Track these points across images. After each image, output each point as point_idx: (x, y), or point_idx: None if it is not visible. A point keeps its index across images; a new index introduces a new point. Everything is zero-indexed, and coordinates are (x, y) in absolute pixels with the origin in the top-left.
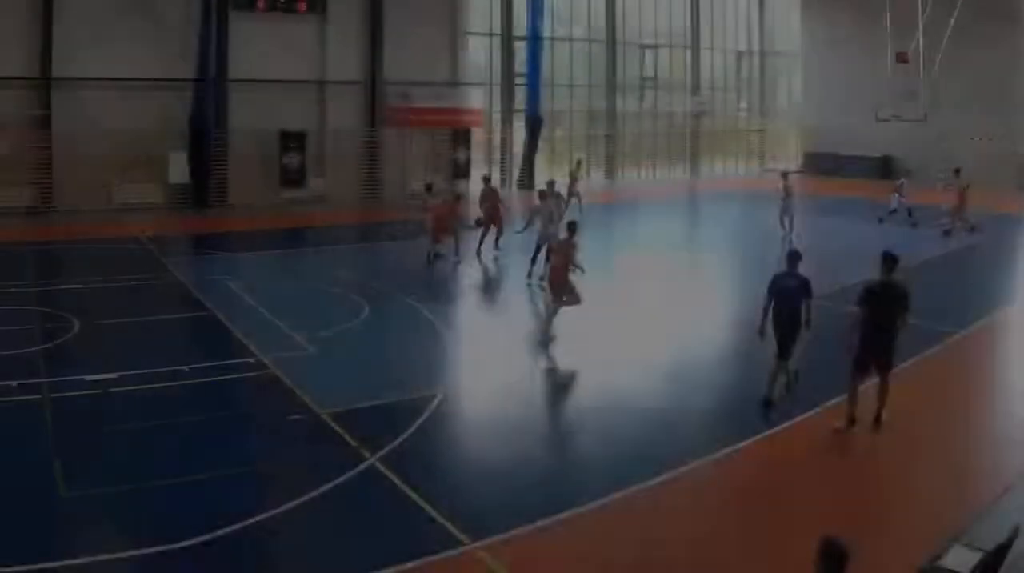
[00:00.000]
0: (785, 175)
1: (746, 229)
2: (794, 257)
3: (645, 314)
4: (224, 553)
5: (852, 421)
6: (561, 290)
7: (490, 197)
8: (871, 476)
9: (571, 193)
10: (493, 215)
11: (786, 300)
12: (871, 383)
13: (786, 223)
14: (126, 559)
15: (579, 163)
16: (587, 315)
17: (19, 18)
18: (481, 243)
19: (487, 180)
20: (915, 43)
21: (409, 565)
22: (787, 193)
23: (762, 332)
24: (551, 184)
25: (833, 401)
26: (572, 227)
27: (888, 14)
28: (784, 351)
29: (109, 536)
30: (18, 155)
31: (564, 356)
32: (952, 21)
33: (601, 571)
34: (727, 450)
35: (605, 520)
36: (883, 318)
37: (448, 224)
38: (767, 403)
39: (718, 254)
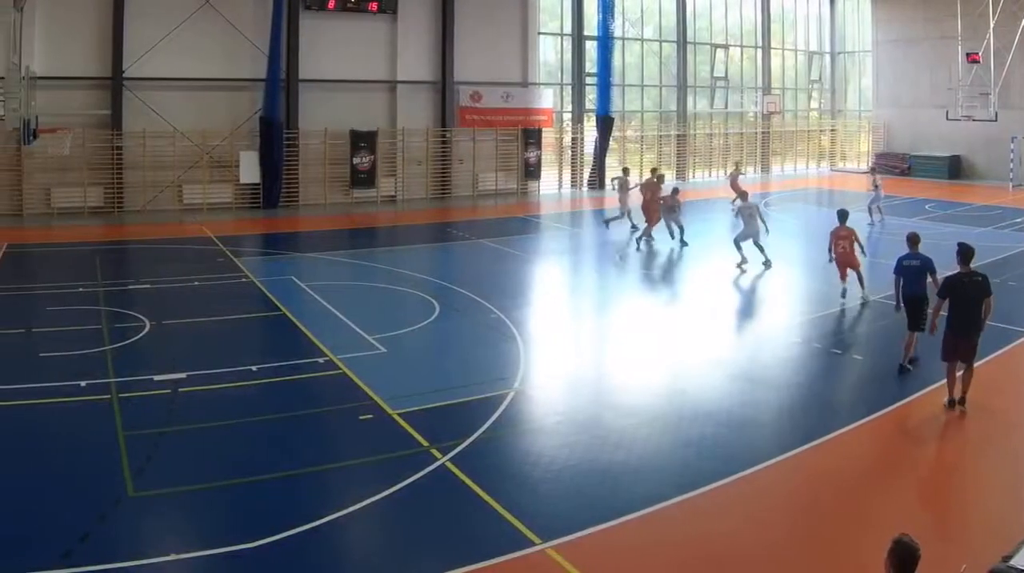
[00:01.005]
0: (873, 170)
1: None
2: (913, 239)
3: (721, 313)
4: (294, 553)
5: (952, 402)
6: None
7: (651, 188)
8: (951, 470)
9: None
10: (650, 207)
11: (912, 279)
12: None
13: (874, 214)
14: (196, 559)
15: (653, 171)
16: (662, 315)
17: (90, 18)
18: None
19: (654, 171)
20: (986, 43)
21: (480, 565)
22: (875, 186)
23: (898, 307)
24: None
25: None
26: (844, 215)
27: (959, 14)
28: (913, 323)
29: (178, 536)
30: (87, 155)
31: (635, 355)
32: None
33: (673, 571)
34: (800, 449)
35: (677, 520)
36: (966, 308)
37: (651, 206)
38: (902, 369)
39: (797, 251)
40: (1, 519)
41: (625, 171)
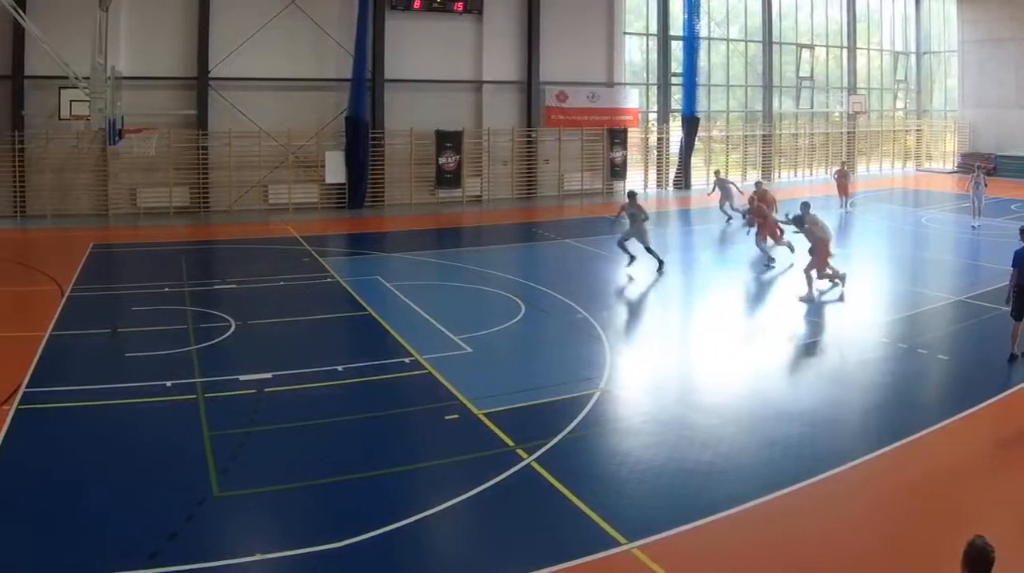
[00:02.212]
0: (977, 168)
1: (916, 221)
2: None
3: (807, 313)
4: (380, 553)
5: (1013, 356)
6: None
7: (764, 197)
8: None
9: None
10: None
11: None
12: None
13: (975, 209)
14: (281, 559)
15: (717, 173)
16: (747, 314)
17: (175, 18)
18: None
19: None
20: None
21: (566, 565)
22: (977, 183)
23: (1008, 301)
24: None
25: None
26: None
27: None
28: (1017, 314)
29: (263, 536)
30: (173, 155)
31: (720, 355)
32: None
33: (760, 572)
34: (888, 448)
35: (762, 520)
36: None
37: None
38: (1012, 358)
39: (884, 251)
40: (90, 519)
41: (716, 173)
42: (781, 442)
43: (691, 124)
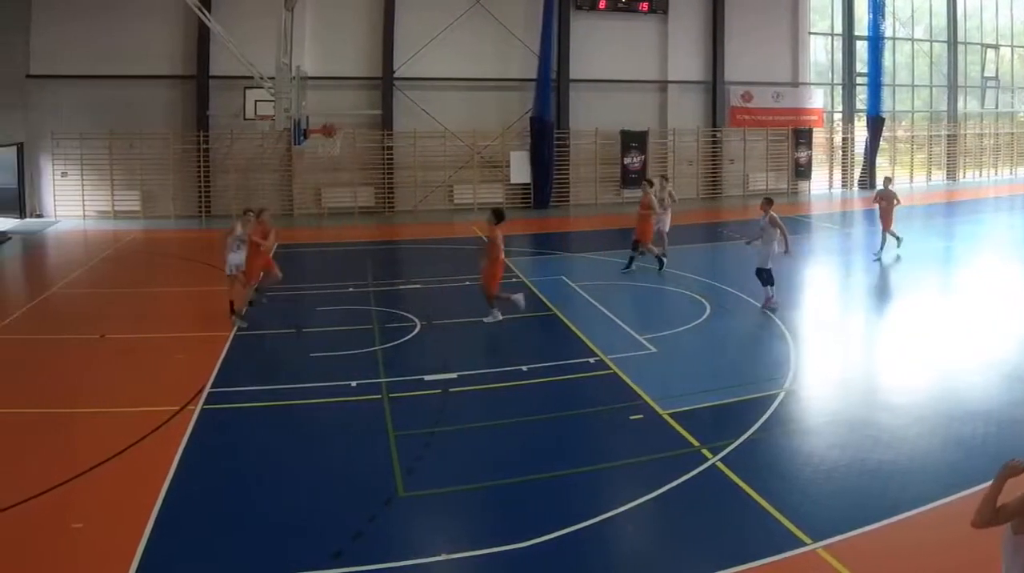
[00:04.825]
0: None
1: None
2: None
3: (992, 313)
4: (565, 553)
5: None
6: None
7: (886, 197)
8: None
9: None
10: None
11: None
12: None
13: None
14: (466, 559)
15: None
16: (931, 315)
17: (360, 18)
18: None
19: (888, 181)
20: None
21: (751, 565)
22: None
23: None
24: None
25: None
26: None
27: None
28: None
29: (448, 536)
30: (358, 156)
31: (905, 355)
32: None
33: None
34: None
35: (948, 521)
36: None
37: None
38: None
39: None
40: (274, 518)
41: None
42: (966, 443)
43: (876, 124)
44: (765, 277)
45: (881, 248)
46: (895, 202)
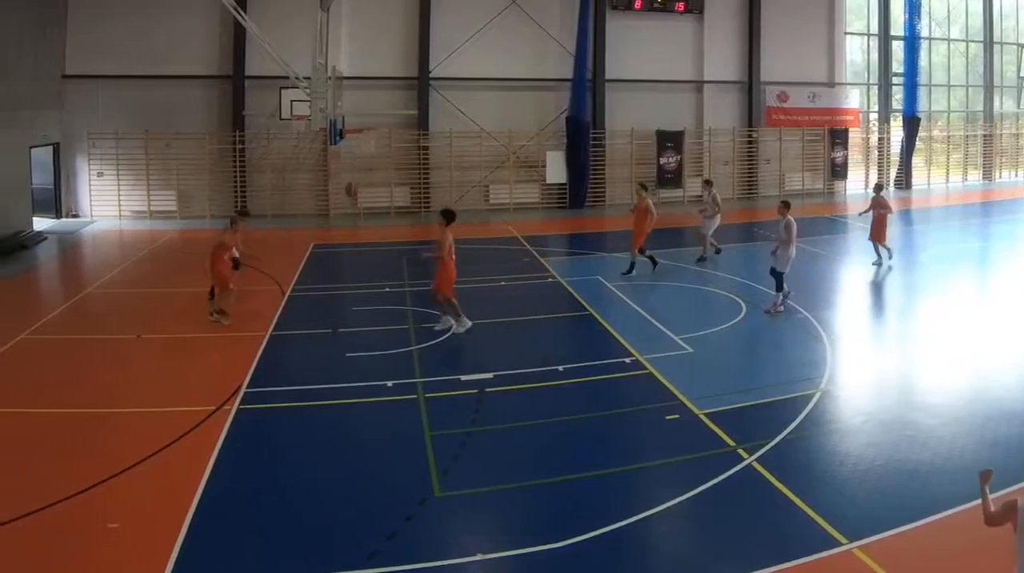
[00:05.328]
0: None
1: None
2: None
3: None
4: (601, 553)
5: None
6: None
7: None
8: None
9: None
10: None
11: None
12: None
13: None
14: (502, 559)
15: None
16: (966, 315)
17: (395, 18)
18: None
19: (879, 187)
20: None
21: (786, 565)
22: None
23: None
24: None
25: None
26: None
27: None
28: None
29: (484, 536)
30: (394, 155)
31: (941, 355)
32: None
33: None
34: None
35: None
36: None
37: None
38: None
39: None
40: (309, 518)
41: (879, 187)
42: (1003, 443)
43: (912, 124)
44: (778, 279)
45: (886, 257)
46: (889, 211)
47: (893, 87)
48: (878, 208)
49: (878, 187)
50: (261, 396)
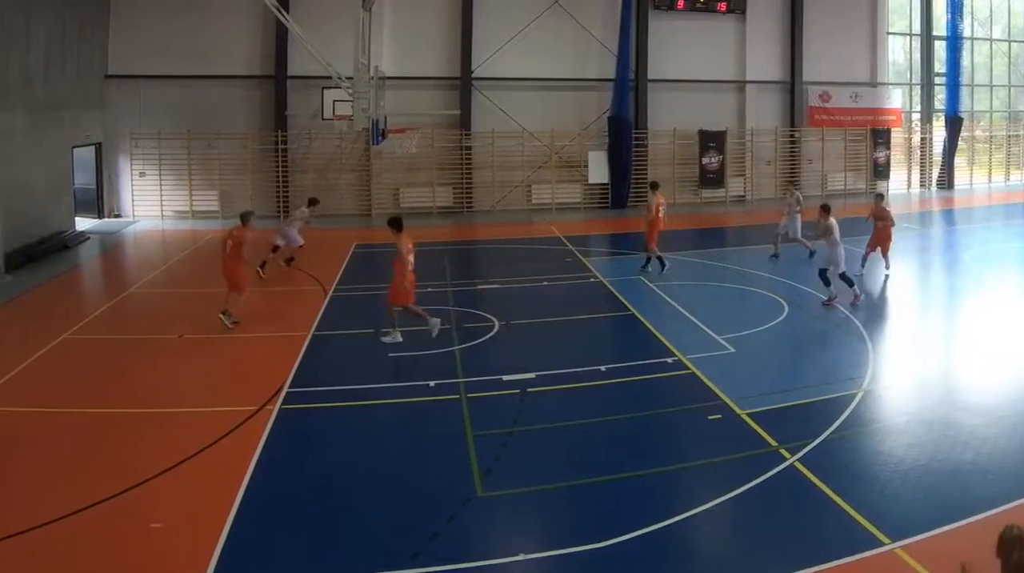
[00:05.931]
0: None
1: None
2: None
3: None
4: (643, 553)
5: None
6: None
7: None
8: None
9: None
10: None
11: None
12: None
13: None
14: (545, 559)
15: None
16: (1010, 315)
17: (438, 18)
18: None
19: (880, 198)
20: None
21: (829, 565)
22: None
23: None
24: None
25: None
26: None
27: None
28: None
29: (527, 536)
30: (436, 155)
31: (984, 355)
32: None
33: None
34: None
35: None
36: None
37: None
38: None
39: None
40: (352, 518)
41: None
42: None
43: (955, 124)
44: (844, 279)
45: (887, 269)
46: (891, 222)
47: (935, 87)
48: (878, 219)
49: (879, 196)
50: (303, 396)
